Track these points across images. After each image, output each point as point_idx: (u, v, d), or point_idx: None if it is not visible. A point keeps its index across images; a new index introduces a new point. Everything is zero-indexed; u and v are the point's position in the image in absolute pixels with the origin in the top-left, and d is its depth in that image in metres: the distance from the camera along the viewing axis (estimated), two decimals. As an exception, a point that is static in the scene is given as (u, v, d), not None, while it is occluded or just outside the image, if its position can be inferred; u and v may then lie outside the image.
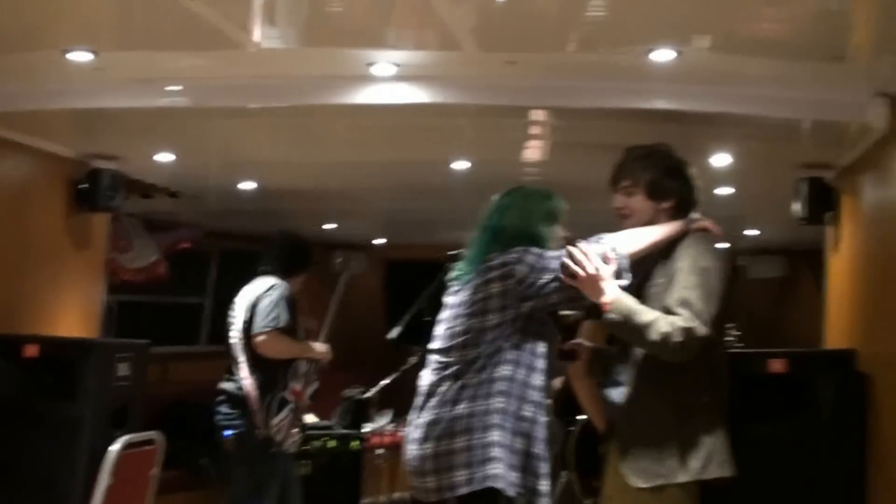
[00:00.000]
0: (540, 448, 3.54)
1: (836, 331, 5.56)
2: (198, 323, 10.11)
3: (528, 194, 3.83)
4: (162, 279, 8.75)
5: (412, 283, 5.93)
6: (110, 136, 6.00)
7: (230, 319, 6.11)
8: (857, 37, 3.85)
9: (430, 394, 3.59)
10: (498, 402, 3.47)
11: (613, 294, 3.44)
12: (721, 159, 5.74)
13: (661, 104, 4.47)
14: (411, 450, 3.58)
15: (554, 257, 3.56)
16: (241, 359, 5.89)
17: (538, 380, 3.58)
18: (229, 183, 7.25)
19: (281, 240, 6.55)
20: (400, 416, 6.95)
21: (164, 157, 6.32)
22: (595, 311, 3.55)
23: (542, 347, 3.62)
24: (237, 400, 5.86)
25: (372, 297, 11.31)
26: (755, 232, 9.37)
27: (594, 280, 3.45)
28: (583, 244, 3.53)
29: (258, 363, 5.86)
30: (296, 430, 5.97)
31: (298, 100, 4.71)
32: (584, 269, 3.45)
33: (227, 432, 5.90)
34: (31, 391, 5.40)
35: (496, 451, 3.44)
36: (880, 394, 4.37)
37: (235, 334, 5.98)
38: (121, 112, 5.08)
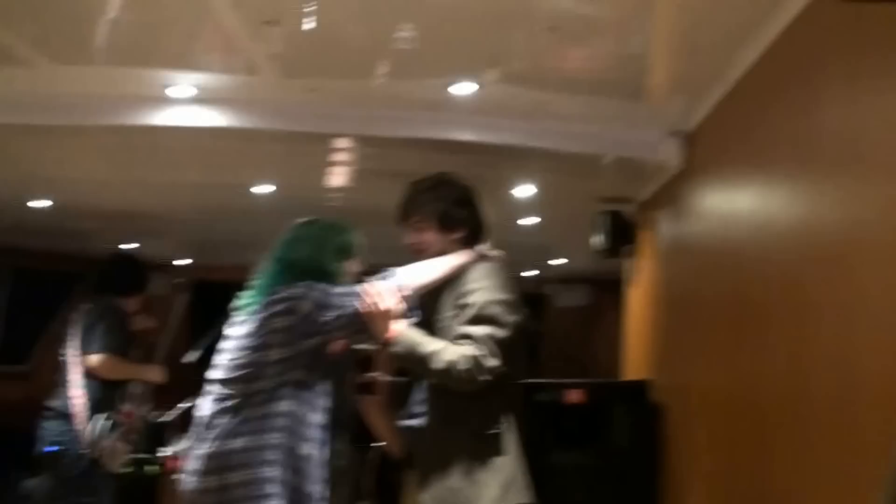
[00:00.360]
0: (311, 487, 3.44)
1: (633, 361, 5.69)
2: (-12, 342, 9.63)
3: (322, 227, 3.71)
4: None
5: (218, 304, 5.83)
6: None
7: (66, 337, 5.89)
8: (654, 78, 3.95)
9: (209, 425, 3.44)
10: (274, 438, 3.36)
11: (398, 328, 3.39)
12: (525, 190, 5.78)
13: (463, 136, 4.46)
14: (190, 481, 3.43)
15: (340, 294, 3.46)
16: (73, 377, 5.70)
17: (318, 418, 3.48)
18: (22, 201, 6.92)
19: (116, 261, 6.43)
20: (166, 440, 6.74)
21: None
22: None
23: (324, 385, 3.53)
24: (65, 417, 5.65)
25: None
26: (561, 261, 9.52)
27: (384, 317, 3.38)
28: (373, 282, 3.45)
29: (90, 383, 5.69)
30: (124, 451, 5.78)
31: (93, 119, 4.50)
32: (375, 306, 3.38)
33: (49, 448, 5.72)
34: None
35: (272, 488, 3.33)
36: (671, 423, 4.46)
37: (69, 352, 5.78)
38: None
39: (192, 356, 6.00)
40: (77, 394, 5.66)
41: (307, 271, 3.55)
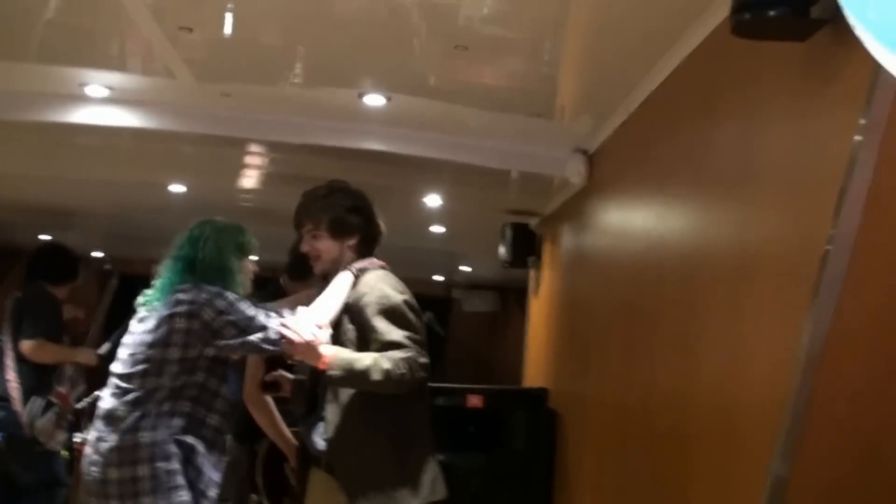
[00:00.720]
0: (213, 491, 3.43)
1: (533, 369, 5.71)
2: None
3: (220, 227, 3.66)
4: None
5: (131, 297, 5.82)
6: None
7: None
8: (561, 98, 3.97)
9: (110, 417, 3.38)
10: (176, 435, 3.32)
11: (329, 352, 3.35)
12: (433, 200, 5.76)
13: (372, 145, 4.43)
14: (93, 472, 3.35)
15: (243, 310, 3.41)
16: (7, 361, 5.71)
17: (214, 420, 3.45)
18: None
19: (47, 250, 6.42)
20: (84, 421, 6.64)
21: None
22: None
23: (224, 390, 3.49)
24: (2, 400, 5.65)
25: (89, 309, 10.81)
26: (468, 268, 9.52)
27: (311, 346, 3.35)
28: (296, 315, 3.42)
29: (23, 367, 5.70)
30: (61, 430, 5.74)
31: (11, 115, 4.38)
32: (300, 339, 3.34)
33: None
34: None
35: (179, 480, 3.29)
36: (566, 429, 4.47)
37: (3, 338, 5.82)
38: None
39: (103, 348, 5.93)
40: (12, 377, 5.68)
41: (210, 269, 3.50)
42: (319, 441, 3.61)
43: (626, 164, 3.72)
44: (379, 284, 3.47)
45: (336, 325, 3.49)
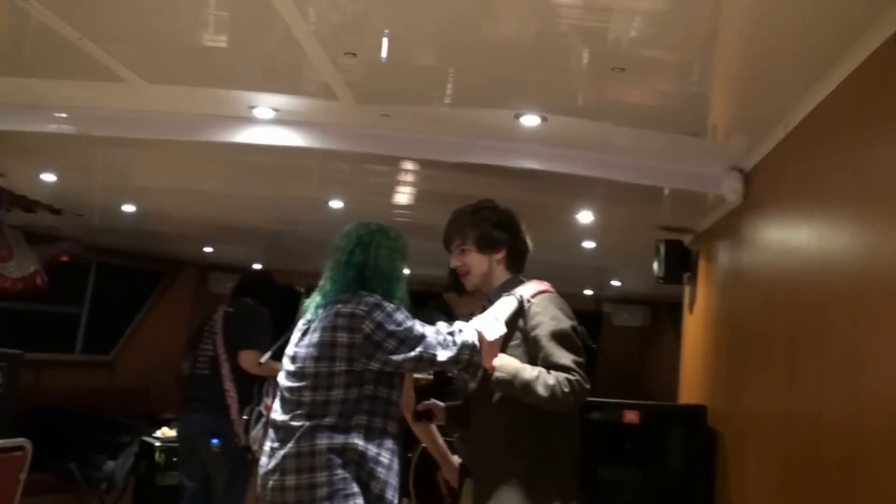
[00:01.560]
0: (391, 494, 3.41)
1: (690, 386, 5.56)
2: (74, 332, 9.76)
3: (385, 231, 3.68)
4: (40, 289, 8.42)
5: (288, 307, 6.09)
6: (-4, 154, 5.76)
7: (210, 336, 6.31)
8: (713, 117, 3.88)
9: (286, 428, 3.41)
10: (357, 443, 3.33)
11: (500, 357, 3.39)
12: (585, 216, 5.71)
13: (528, 164, 4.40)
14: (271, 480, 3.40)
15: (401, 320, 3.41)
16: (223, 373, 6.10)
17: (393, 427, 3.45)
18: (111, 204, 7.03)
19: (255, 276, 7.21)
20: None
21: (48, 176, 6.13)
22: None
23: (395, 396, 3.49)
24: (219, 409, 6.07)
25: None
26: (618, 283, 9.39)
27: (491, 348, 3.36)
28: (479, 319, 3.46)
29: (239, 378, 6.10)
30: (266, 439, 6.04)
31: (181, 135, 4.54)
32: (484, 339, 3.40)
33: (215, 440, 6.10)
34: None
35: (355, 487, 3.30)
36: (726, 449, 4.33)
37: (218, 350, 6.20)
38: (6, 133, 4.84)
39: (264, 358, 6.12)
40: (230, 387, 6.06)
41: (378, 276, 3.52)
42: (469, 450, 3.62)
43: (786, 181, 3.60)
44: (550, 309, 3.48)
45: (502, 350, 3.48)
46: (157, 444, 7.93)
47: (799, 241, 3.36)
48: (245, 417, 5.96)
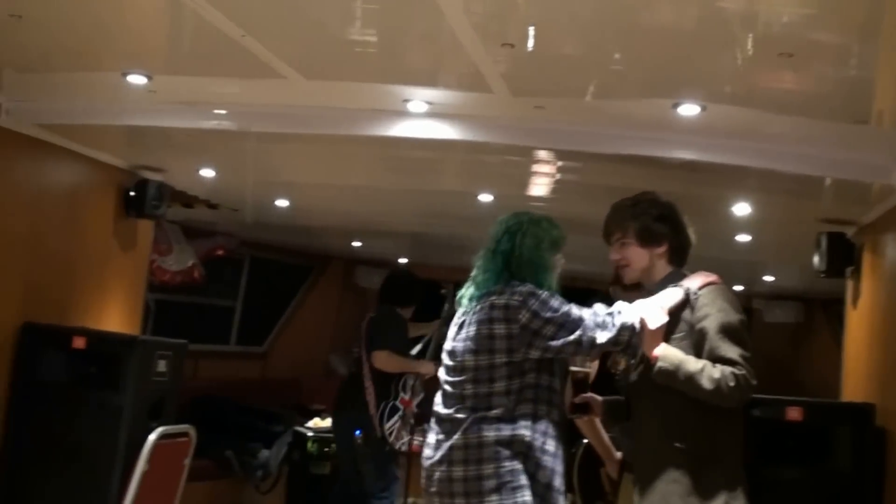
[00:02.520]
0: (559, 482, 3.37)
1: (854, 383, 5.31)
2: (229, 324, 10.02)
3: (535, 221, 3.63)
4: (197, 282, 8.69)
5: (431, 300, 6.17)
6: (158, 151, 6.01)
7: (357, 341, 6.88)
8: (880, 102, 3.69)
9: (451, 420, 3.40)
10: (524, 434, 3.29)
11: (662, 346, 3.30)
12: (741, 208, 5.54)
13: (685, 155, 4.28)
14: (437, 472, 3.40)
15: (557, 307, 3.36)
16: (364, 372, 6.61)
17: (556, 415, 3.40)
18: (265, 199, 7.18)
19: (396, 276, 7.37)
20: (417, 425, 6.93)
21: (206, 172, 6.31)
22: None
23: (556, 383, 3.44)
24: (361, 405, 6.54)
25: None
26: (771, 278, 9.10)
27: (654, 336, 3.28)
28: (642, 304, 3.38)
29: (376, 377, 6.54)
30: (405, 432, 6.58)
31: (336, 129, 4.57)
32: (646, 325, 3.33)
33: (357, 432, 6.60)
34: (77, 379, 5.44)
35: (524, 479, 3.26)
36: (897, 450, 4.13)
37: (362, 352, 6.70)
38: (169, 130, 5.03)
39: (414, 350, 6.24)
40: (369, 385, 6.49)
41: (528, 264, 3.48)
42: (631, 448, 3.55)
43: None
44: (718, 301, 3.37)
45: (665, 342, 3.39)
46: (310, 434, 8.09)
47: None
48: (379, 411, 6.46)
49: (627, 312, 3.36)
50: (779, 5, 2.88)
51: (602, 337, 3.32)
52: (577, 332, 3.31)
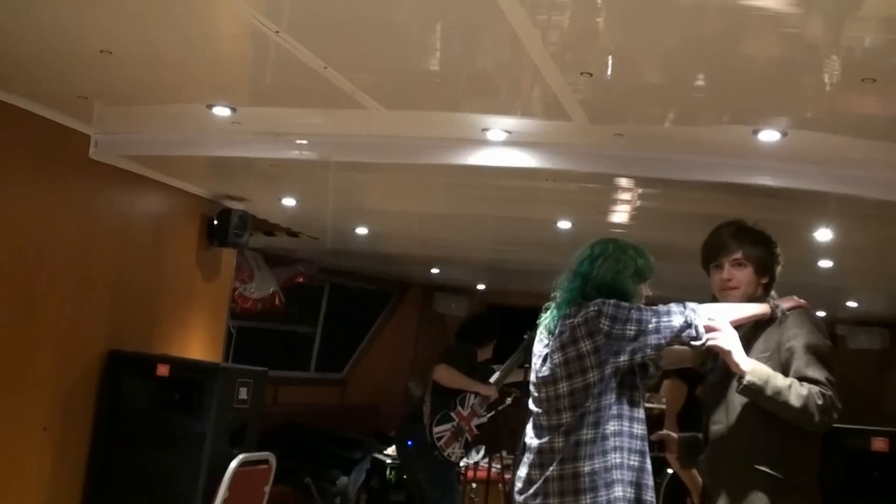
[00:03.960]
0: (649, 495, 3.34)
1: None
2: (308, 351, 10.12)
3: (622, 248, 3.59)
4: (278, 309, 8.80)
5: (509, 326, 6.19)
6: (241, 181, 6.12)
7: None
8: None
9: (543, 451, 3.38)
10: (615, 458, 3.28)
11: (752, 362, 3.25)
12: (822, 234, 5.46)
13: (764, 181, 4.24)
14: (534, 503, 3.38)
15: (631, 308, 3.33)
16: (428, 390, 6.75)
17: (639, 429, 3.37)
18: (345, 227, 7.26)
19: (475, 315, 7.78)
20: (492, 452, 6.89)
21: (288, 201, 6.41)
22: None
23: (637, 396, 3.42)
24: (419, 418, 6.65)
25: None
26: (855, 304, 8.92)
27: (734, 338, 3.26)
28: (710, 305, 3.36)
29: (436, 391, 6.65)
30: (458, 443, 6.56)
31: (416, 159, 4.63)
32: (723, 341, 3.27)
33: (409, 442, 6.72)
34: (160, 406, 5.55)
35: None
36: None
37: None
38: (252, 160, 5.12)
39: (493, 378, 6.18)
40: (427, 399, 6.66)
41: (604, 288, 3.45)
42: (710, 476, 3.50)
43: None
44: (807, 323, 3.34)
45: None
46: (388, 461, 8.11)
47: None
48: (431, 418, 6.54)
49: (694, 304, 3.35)
50: (861, 31, 2.85)
51: (678, 320, 3.29)
52: (654, 322, 3.29)
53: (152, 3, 3.24)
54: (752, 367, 3.22)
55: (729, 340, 3.26)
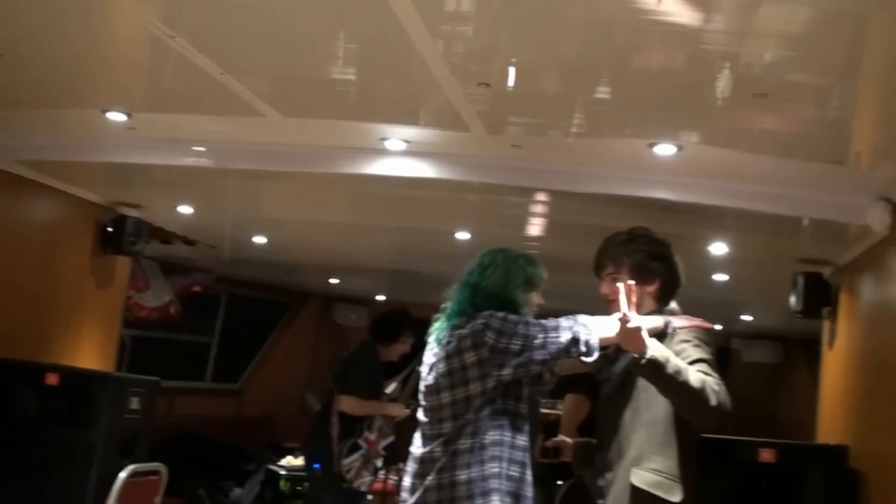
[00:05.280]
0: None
1: (829, 425, 5.30)
2: (204, 361, 9.97)
3: (512, 257, 3.60)
4: (174, 318, 8.65)
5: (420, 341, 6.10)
6: (137, 187, 6.00)
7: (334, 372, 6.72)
8: (857, 143, 3.71)
9: (424, 460, 3.38)
10: (493, 468, 3.28)
11: (652, 340, 3.22)
12: (718, 248, 5.57)
13: (661, 194, 4.30)
14: None
15: (518, 322, 3.35)
16: (334, 407, 6.39)
17: (522, 440, 3.39)
18: (243, 235, 7.17)
19: (385, 313, 6.95)
20: (389, 464, 6.84)
21: (185, 208, 6.30)
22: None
23: (523, 408, 3.43)
24: (326, 439, 6.34)
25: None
26: (750, 317, 9.10)
27: (639, 330, 3.21)
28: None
29: (343, 413, 6.31)
30: (367, 472, 6.29)
31: (314, 167, 4.59)
32: (627, 323, 3.21)
33: (316, 465, 6.50)
34: (49, 416, 5.37)
35: None
36: (871, 492, 4.11)
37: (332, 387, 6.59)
38: (148, 167, 5.00)
39: (389, 388, 6.18)
40: (334, 420, 6.31)
41: (494, 298, 3.46)
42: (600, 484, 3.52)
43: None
44: (696, 339, 3.38)
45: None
46: (283, 472, 8.02)
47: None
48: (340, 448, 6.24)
49: (584, 317, 3.37)
50: (754, 47, 2.90)
51: (565, 335, 3.30)
52: (541, 337, 3.30)
53: (46, 6, 3.14)
54: (654, 345, 3.21)
55: (629, 333, 3.24)
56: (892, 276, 4.14)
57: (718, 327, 9.73)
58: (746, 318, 9.07)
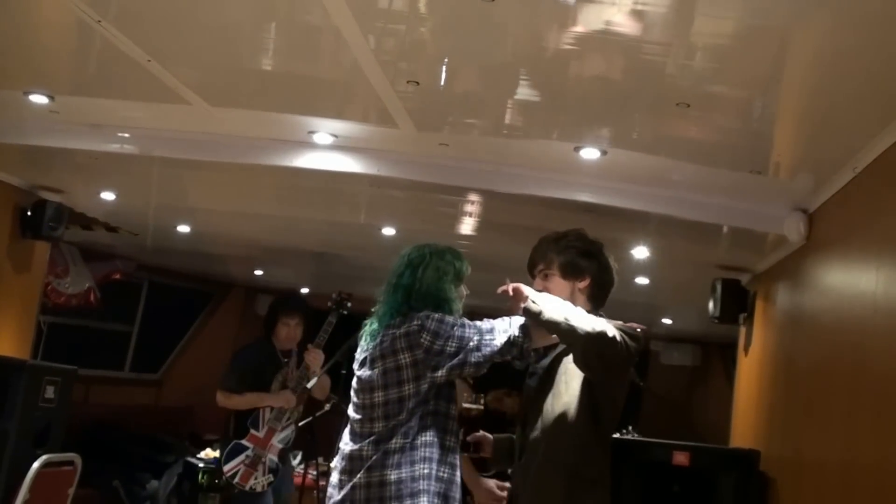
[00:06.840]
0: None
1: (742, 429, 5.41)
2: (124, 350, 9.81)
3: (439, 253, 3.59)
4: (93, 306, 8.49)
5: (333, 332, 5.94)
6: (58, 172, 5.88)
7: None
8: (777, 155, 3.81)
9: (354, 458, 3.37)
10: (423, 468, 3.28)
11: (539, 295, 3.27)
12: (640, 252, 5.64)
13: (585, 197, 4.36)
14: None
15: (454, 324, 3.36)
16: None
17: (452, 441, 3.39)
18: (167, 224, 7.07)
19: (273, 306, 6.42)
20: (309, 458, 6.77)
21: (107, 195, 6.19)
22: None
23: (453, 409, 3.44)
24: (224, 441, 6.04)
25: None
26: (669, 321, 9.22)
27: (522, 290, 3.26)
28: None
29: (227, 412, 6.03)
30: (257, 472, 5.86)
31: (240, 158, 4.55)
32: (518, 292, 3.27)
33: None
34: None
35: None
36: (781, 497, 4.20)
37: None
38: (70, 151, 4.89)
39: (311, 382, 6.00)
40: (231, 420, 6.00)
41: (428, 296, 3.46)
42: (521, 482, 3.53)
43: (853, 224, 3.50)
44: (620, 329, 3.38)
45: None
46: (201, 465, 7.92)
47: (866, 285, 3.25)
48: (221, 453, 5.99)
49: (517, 318, 3.38)
50: (680, 57, 2.95)
51: (500, 339, 3.31)
52: (476, 339, 3.31)
53: (-35, -17, 3.08)
54: (535, 297, 3.24)
55: (517, 295, 3.27)
56: (805, 285, 4.24)
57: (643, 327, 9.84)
58: (666, 321, 9.19)
